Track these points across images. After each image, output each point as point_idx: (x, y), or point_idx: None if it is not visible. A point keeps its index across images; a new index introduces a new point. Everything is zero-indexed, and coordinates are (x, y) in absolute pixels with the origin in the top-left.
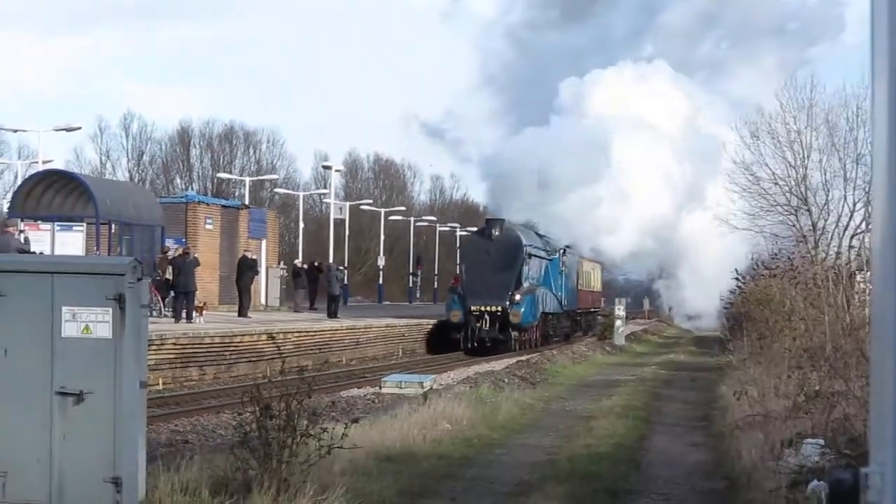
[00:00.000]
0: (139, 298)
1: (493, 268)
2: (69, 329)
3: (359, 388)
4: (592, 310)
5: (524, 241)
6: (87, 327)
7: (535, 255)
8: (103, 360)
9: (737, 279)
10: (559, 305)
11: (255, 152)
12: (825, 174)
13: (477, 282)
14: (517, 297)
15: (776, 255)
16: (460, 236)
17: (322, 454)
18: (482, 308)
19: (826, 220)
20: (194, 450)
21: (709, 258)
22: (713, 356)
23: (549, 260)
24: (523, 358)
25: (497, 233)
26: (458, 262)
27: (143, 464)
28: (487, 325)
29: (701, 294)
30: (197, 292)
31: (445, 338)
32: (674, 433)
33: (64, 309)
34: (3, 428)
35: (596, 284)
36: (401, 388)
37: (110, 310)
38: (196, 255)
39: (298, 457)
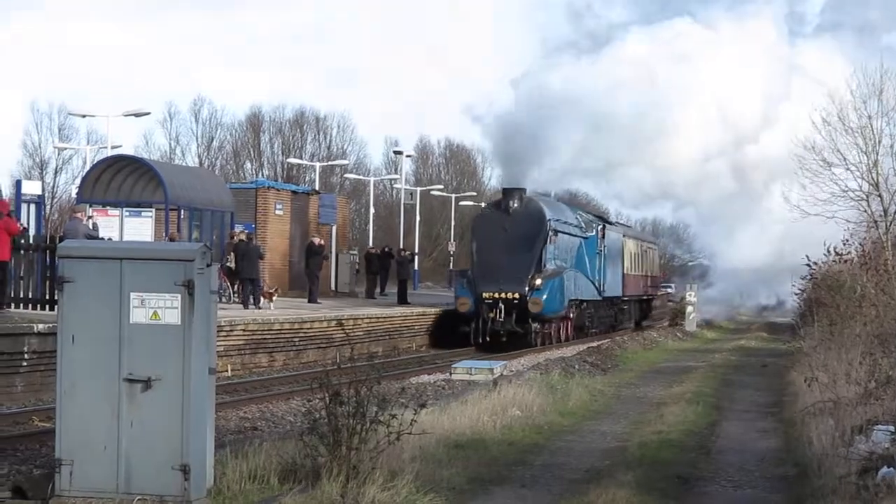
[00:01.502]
0: (208, 284)
1: (510, 247)
2: (138, 315)
3: (429, 374)
4: (646, 297)
5: (548, 215)
6: (155, 313)
7: (564, 232)
8: (172, 346)
9: (808, 265)
10: (597, 292)
11: (325, 138)
12: None
13: (490, 264)
14: (538, 281)
15: (847, 240)
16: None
17: (391, 440)
18: (496, 295)
19: None
20: (263, 437)
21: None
22: (784, 342)
23: (584, 238)
24: (594, 344)
25: (516, 205)
26: (470, 239)
27: (212, 451)
28: (502, 315)
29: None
30: (265, 279)
31: (454, 330)
32: (744, 419)
33: (132, 295)
34: (71, 415)
35: (650, 268)
36: (471, 374)
37: (179, 296)
38: (258, 244)
39: (368, 443)
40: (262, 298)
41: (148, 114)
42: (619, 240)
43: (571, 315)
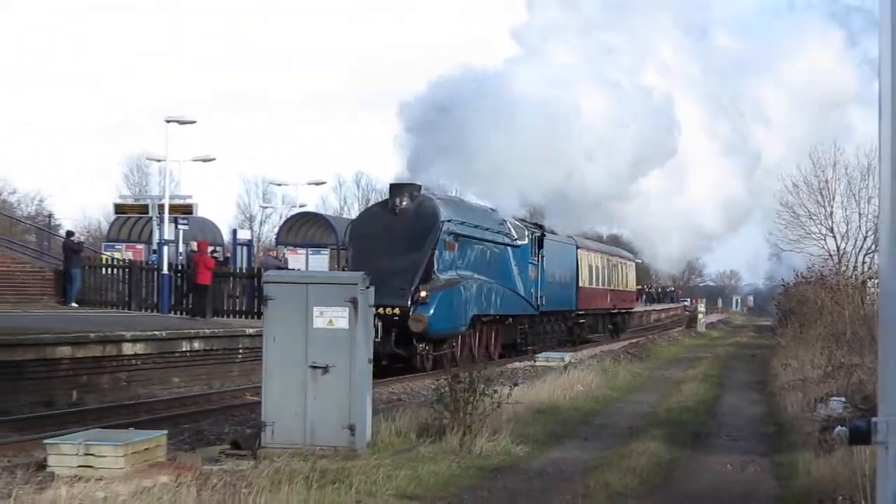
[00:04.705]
0: (367, 300)
1: (394, 252)
2: (318, 322)
3: (520, 362)
4: (616, 311)
5: (443, 216)
6: (331, 321)
7: (471, 237)
8: (342, 343)
9: (783, 285)
10: (529, 305)
11: None
12: (846, 211)
13: (367, 272)
14: (423, 293)
15: (810, 268)
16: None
17: (494, 408)
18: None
19: (846, 244)
20: (405, 405)
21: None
22: (767, 339)
23: (512, 247)
24: (634, 340)
25: (405, 203)
26: (346, 244)
27: (370, 415)
28: (380, 334)
29: None
30: None
31: None
32: (739, 393)
33: (315, 308)
34: (272, 391)
35: (622, 283)
36: (548, 361)
37: (347, 309)
38: None
39: (477, 409)
40: None
41: (324, 183)
42: (569, 252)
43: (494, 332)
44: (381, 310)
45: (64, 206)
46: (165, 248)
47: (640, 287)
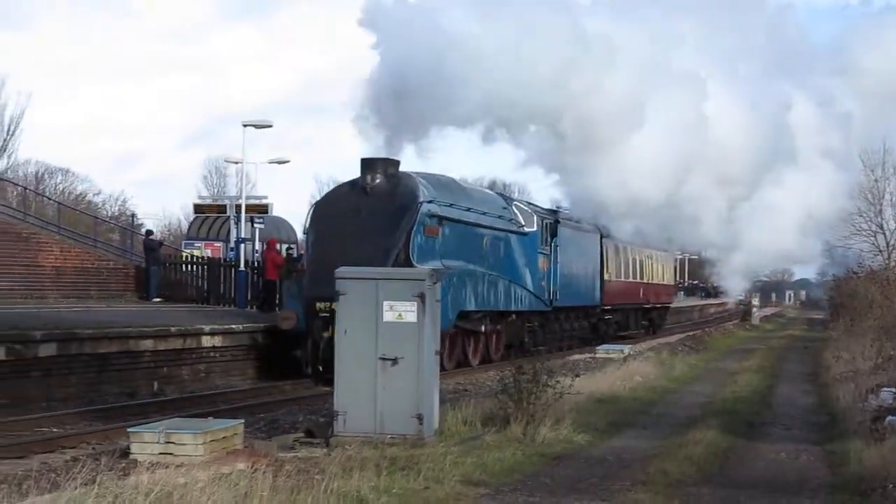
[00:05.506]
0: (434, 296)
1: (363, 238)
2: (388, 316)
3: (580, 353)
4: (648, 305)
5: (422, 196)
6: (399, 315)
7: (455, 220)
8: (410, 336)
9: (834, 279)
10: (538, 300)
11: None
12: (895, 208)
13: (330, 261)
14: None
15: (861, 263)
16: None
17: (556, 398)
18: (333, 305)
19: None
20: (471, 396)
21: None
22: (819, 332)
23: (518, 234)
24: (690, 332)
25: (377, 181)
26: (307, 228)
27: (437, 405)
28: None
29: None
30: None
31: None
32: (792, 384)
33: (384, 303)
34: (344, 382)
35: (658, 276)
36: (608, 353)
37: (415, 303)
38: None
39: (540, 399)
40: None
41: None
42: (592, 241)
43: (493, 331)
44: None
45: (146, 206)
46: (242, 246)
47: (695, 282)
